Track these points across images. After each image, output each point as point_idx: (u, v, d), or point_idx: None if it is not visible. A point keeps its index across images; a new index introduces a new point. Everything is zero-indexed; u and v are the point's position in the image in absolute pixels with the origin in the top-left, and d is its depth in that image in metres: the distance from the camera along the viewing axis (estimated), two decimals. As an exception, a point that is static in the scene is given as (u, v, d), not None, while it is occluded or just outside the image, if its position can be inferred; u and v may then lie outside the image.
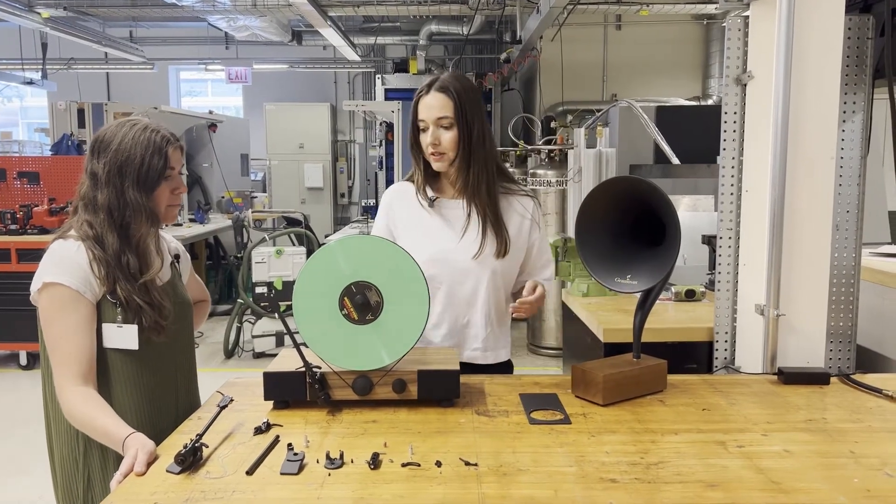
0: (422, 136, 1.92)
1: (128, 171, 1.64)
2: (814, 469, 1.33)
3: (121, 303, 1.62)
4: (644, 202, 1.72)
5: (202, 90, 12.92)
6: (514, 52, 8.09)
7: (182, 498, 1.21)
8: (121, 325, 1.62)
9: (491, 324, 1.98)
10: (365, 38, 9.73)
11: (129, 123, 1.69)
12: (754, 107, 2.08)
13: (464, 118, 1.88)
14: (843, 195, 2.12)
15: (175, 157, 1.70)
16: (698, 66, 9.51)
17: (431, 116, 1.88)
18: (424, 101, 1.90)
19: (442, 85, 1.88)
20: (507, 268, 1.96)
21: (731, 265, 2.21)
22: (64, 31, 8.19)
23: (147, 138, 1.66)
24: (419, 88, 1.93)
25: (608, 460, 1.35)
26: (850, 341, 2.17)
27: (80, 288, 1.58)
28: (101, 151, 1.66)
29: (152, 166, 1.65)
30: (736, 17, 2.17)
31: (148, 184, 1.65)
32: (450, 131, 1.88)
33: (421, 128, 1.91)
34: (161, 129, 1.71)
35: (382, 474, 1.29)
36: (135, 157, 1.64)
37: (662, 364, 1.77)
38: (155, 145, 1.66)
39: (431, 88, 1.89)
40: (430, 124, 1.88)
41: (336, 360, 1.61)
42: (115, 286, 1.61)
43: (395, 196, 2.04)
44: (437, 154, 1.90)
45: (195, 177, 7.98)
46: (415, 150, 1.97)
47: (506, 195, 1.99)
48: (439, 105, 1.87)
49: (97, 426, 1.52)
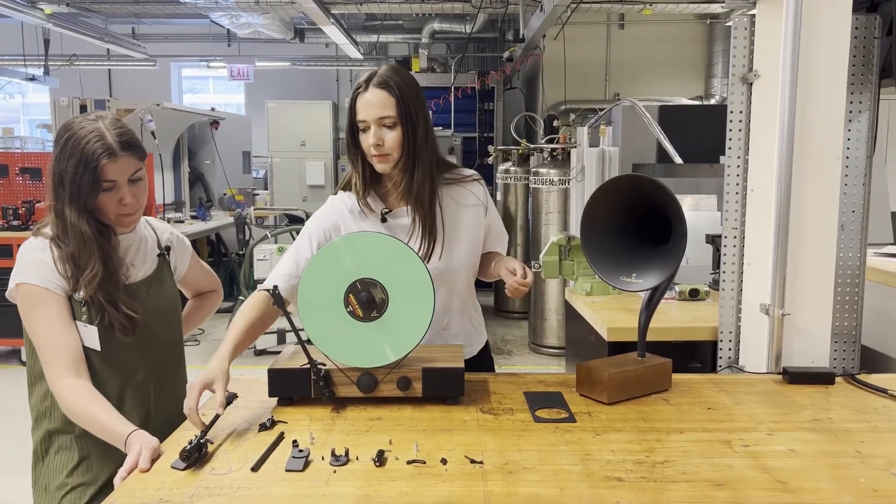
0: (362, 136, 1.77)
1: (65, 185, 1.56)
2: (820, 469, 1.33)
3: (85, 302, 1.58)
4: (650, 200, 1.72)
5: (204, 87, 12.92)
6: (517, 51, 8.09)
7: (187, 494, 1.21)
8: (86, 325, 1.59)
9: (469, 318, 1.98)
10: (367, 35, 9.72)
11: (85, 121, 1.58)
12: (760, 106, 2.07)
13: (408, 116, 1.74)
14: (848, 195, 2.12)
15: (112, 169, 1.55)
16: (701, 66, 9.50)
17: (372, 115, 1.73)
18: (364, 99, 1.74)
19: (382, 80, 1.73)
20: (470, 261, 1.91)
21: (735, 264, 2.20)
22: (66, 27, 8.18)
23: (82, 151, 1.53)
24: (356, 84, 1.77)
25: (614, 459, 1.35)
26: (854, 341, 2.16)
27: (48, 286, 1.56)
28: (55, 150, 1.58)
29: (83, 185, 1.54)
30: (742, 16, 2.17)
31: (80, 200, 1.56)
32: (393, 130, 1.74)
33: (361, 128, 1.76)
34: (105, 136, 1.55)
35: (388, 471, 1.29)
36: (67, 170, 1.55)
37: (667, 363, 1.77)
38: (85, 161, 1.53)
39: (370, 84, 1.73)
40: (372, 124, 1.73)
41: (341, 358, 1.61)
42: (78, 285, 1.58)
43: (340, 216, 1.85)
44: (381, 156, 1.76)
45: (197, 174, 7.99)
46: (353, 153, 1.81)
47: (454, 185, 1.89)
48: (381, 103, 1.72)
49: (95, 420, 1.51)
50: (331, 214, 1.86)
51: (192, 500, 1.19)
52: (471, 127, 9.35)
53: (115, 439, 1.47)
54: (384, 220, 1.84)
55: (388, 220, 1.84)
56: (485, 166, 7.96)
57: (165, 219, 6.58)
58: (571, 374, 1.80)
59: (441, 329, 1.92)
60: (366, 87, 1.74)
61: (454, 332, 1.94)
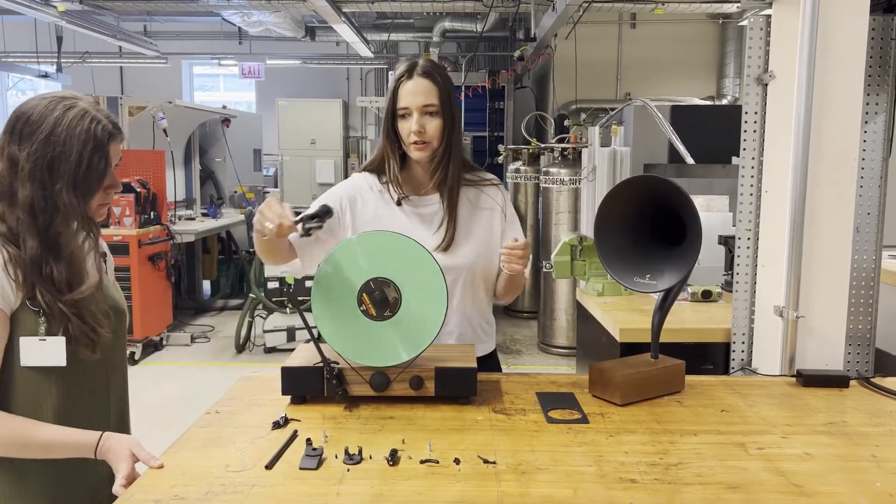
0: (401, 123, 1.81)
1: (62, 170, 1.35)
2: (835, 472, 1.32)
3: (43, 311, 1.35)
4: (664, 201, 1.71)
5: (215, 85, 12.96)
6: (528, 50, 8.08)
7: (202, 491, 1.21)
8: (44, 338, 1.35)
9: (468, 321, 1.92)
10: (378, 34, 9.73)
11: (63, 105, 1.37)
12: (775, 107, 2.06)
13: (448, 107, 1.81)
14: (864, 197, 2.10)
15: (115, 151, 1.42)
16: (713, 66, 9.46)
17: (416, 103, 1.78)
18: (408, 87, 1.79)
19: (426, 70, 1.79)
20: (483, 262, 1.90)
21: (749, 266, 2.19)
22: (79, 24, 8.23)
23: (87, 129, 1.36)
24: (398, 73, 1.82)
25: (627, 460, 1.35)
26: (869, 344, 2.15)
27: None
28: (23, 134, 1.35)
29: (92, 167, 1.37)
30: (757, 16, 2.16)
31: (86, 187, 1.38)
32: (435, 119, 1.79)
33: (401, 114, 1.81)
34: (101, 118, 1.40)
35: (401, 471, 1.29)
36: (70, 152, 1.34)
37: (680, 365, 1.76)
38: (96, 140, 1.37)
39: (415, 73, 1.79)
40: (414, 111, 1.78)
41: (353, 356, 1.61)
42: (35, 290, 1.34)
43: (358, 191, 1.90)
44: (421, 143, 1.80)
45: (208, 171, 8.01)
46: (390, 139, 1.85)
47: (472, 186, 1.91)
48: (425, 91, 1.78)
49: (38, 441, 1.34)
50: (351, 188, 1.91)
51: (206, 496, 1.19)
52: (481, 126, 9.36)
53: (75, 451, 1.35)
54: (399, 203, 1.87)
55: (402, 205, 1.87)
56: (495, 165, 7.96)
57: (176, 216, 6.61)
58: (584, 375, 1.80)
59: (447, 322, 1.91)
60: (410, 76, 1.79)
61: (447, 330, 1.89)
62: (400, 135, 1.83)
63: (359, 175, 1.95)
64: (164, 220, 5.93)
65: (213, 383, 1.68)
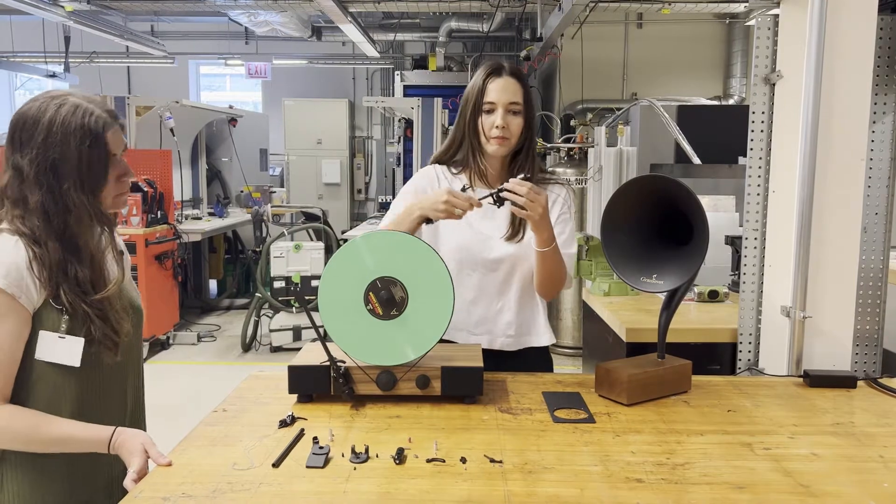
0: (484, 117, 1.89)
1: (65, 170, 1.35)
2: (843, 473, 1.31)
3: (66, 310, 1.37)
4: (671, 201, 1.71)
5: (221, 85, 12.99)
6: (535, 50, 8.07)
7: (209, 489, 1.21)
8: (63, 336, 1.37)
9: (524, 311, 1.98)
10: (384, 34, 9.73)
11: (55, 102, 1.36)
12: (783, 107, 2.06)
13: (529, 108, 1.91)
14: (871, 197, 2.09)
15: (116, 139, 1.41)
16: (720, 66, 9.43)
17: (504, 100, 1.87)
18: (497, 84, 1.88)
19: (513, 70, 1.90)
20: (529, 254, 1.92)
21: (756, 266, 2.19)
22: (86, 24, 8.25)
23: (81, 124, 1.35)
24: (486, 70, 1.91)
25: (634, 460, 1.35)
26: (876, 345, 2.14)
27: (14, 292, 1.33)
28: (23, 142, 1.35)
29: (94, 161, 1.37)
30: (765, 16, 2.15)
31: (92, 182, 1.38)
32: (518, 117, 1.89)
33: (486, 109, 1.89)
34: (93, 108, 1.38)
35: (408, 469, 1.30)
36: (69, 151, 1.35)
37: (687, 365, 1.76)
38: (92, 133, 1.36)
39: (503, 72, 1.89)
40: (500, 107, 1.87)
41: (360, 355, 1.61)
42: (59, 290, 1.36)
43: (429, 180, 2.01)
44: (502, 138, 1.88)
45: (215, 171, 8.04)
46: (471, 131, 1.93)
47: (540, 183, 1.96)
48: (513, 90, 1.88)
49: (53, 436, 1.35)
50: (423, 179, 2.01)
51: (213, 494, 1.20)
52: (487, 126, 9.33)
53: (89, 446, 1.36)
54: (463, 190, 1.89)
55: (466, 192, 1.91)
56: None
57: (183, 215, 6.63)
58: (590, 375, 1.80)
59: (495, 313, 1.97)
60: (499, 74, 1.89)
61: (507, 320, 1.96)
62: (481, 128, 1.90)
63: (429, 167, 2.04)
64: (170, 220, 5.95)
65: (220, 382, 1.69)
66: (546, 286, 1.94)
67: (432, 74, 9.40)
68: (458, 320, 1.96)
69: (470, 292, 1.95)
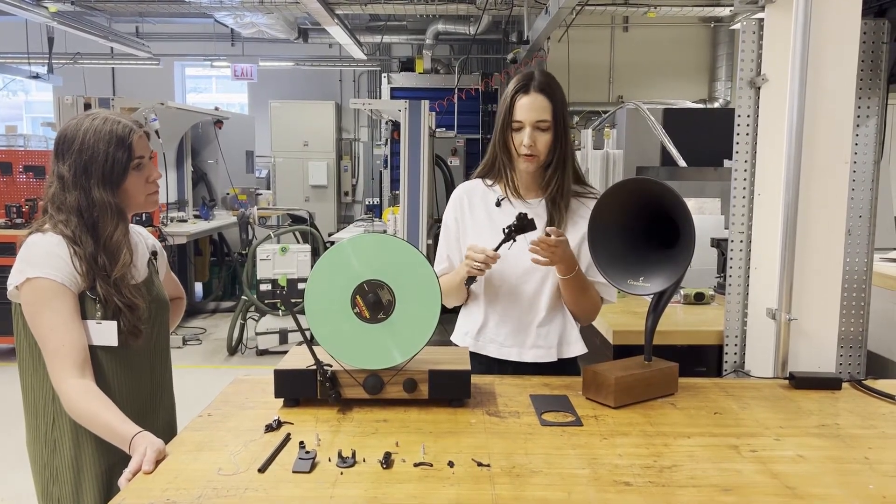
0: (514, 135, 1.87)
1: (93, 170, 1.61)
2: (828, 475, 1.32)
3: (100, 299, 1.60)
4: (658, 204, 1.71)
5: (207, 87, 12.92)
6: (521, 53, 8.09)
7: (194, 495, 1.20)
8: (100, 322, 1.60)
9: (560, 321, 1.95)
10: (371, 36, 9.72)
11: (90, 118, 1.64)
12: (768, 110, 2.07)
13: (561, 122, 1.86)
14: (855, 200, 2.11)
15: (141, 145, 1.66)
16: (705, 69, 9.50)
17: (531, 119, 1.84)
18: (523, 102, 1.85)
19: (541, 86, 1.85)
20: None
21: (742, 269, 2.20)
22: (70, 25, 8.19)
23: (108, 131, 1.62)
24: (514, 86, 1.87)
25: (621, 463, 1.35)
26: (861, 346, 2.16)
27: (65, 281, 1.56)
28: (64, 152, 1.63)
29: (116, 160, 1.62)
30: (750, 20, 2.16)
31: (114, 179, 1.63)
32: (546, 134, 1.86)
33: (515, 128, 1.87)
34: (122, 119, 1.66)
35: (395, 474, 1.29)
36: (98, 153, 1.60)
37: (674, 367, 1.77)
38: (117, 137, 1.62)
39: (531, 88, 1.85)
40: (527, 125, 1.84)
41: (347, 359, 1.60)
42: (95, 283, 1.60)
43: (465, 194, 2.01)
44: (530, 156, 1.86)
45: (200, 173, 7.98)
46: (501, 147, 1.91)
47: (576, 198, 1.96)
48: (540, 107, 1.84)
49: (100, 422, 1.50)
50: (461, 196, 2.03)
51: (199, 500, 1.19)
52: (474, 129, 9.35)
53: (119, 440, 1.46)
54: (498, 204, 1.95)
55: (502, 206, 1.95)
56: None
57: (168, 218, 6.58)
58: (577, 378, 1.80)
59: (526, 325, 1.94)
60: (527, 90, 1.85)
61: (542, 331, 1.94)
62: (511, 145, 1.89)
63: (469, 182, 2.05)
64: (156, 222, 5.91)
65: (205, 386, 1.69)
66: (575, 310, 1.95)
67: (419, 77, 9.39)
68: (489, 333, 1.95)
69: (500, 305, 1.94)
